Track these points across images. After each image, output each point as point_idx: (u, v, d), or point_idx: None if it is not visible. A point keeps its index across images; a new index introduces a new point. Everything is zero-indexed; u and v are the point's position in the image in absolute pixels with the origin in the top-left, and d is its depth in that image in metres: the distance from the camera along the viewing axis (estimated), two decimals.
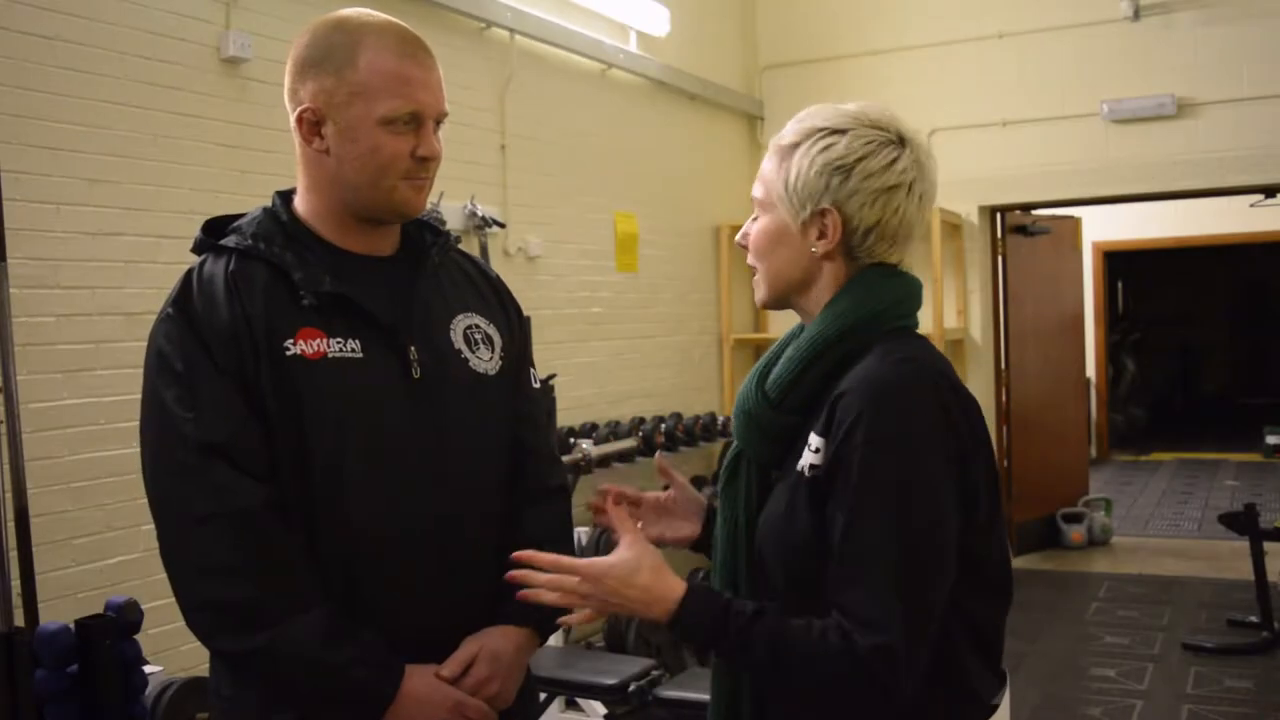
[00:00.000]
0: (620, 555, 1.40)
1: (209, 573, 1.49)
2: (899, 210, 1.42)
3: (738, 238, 1.56)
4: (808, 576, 1.37)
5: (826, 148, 1.41)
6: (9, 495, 2.35)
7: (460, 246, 1.84)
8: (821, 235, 1.43)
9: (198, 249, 1.64)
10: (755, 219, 1.51)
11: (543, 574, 1.41)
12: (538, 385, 1.83)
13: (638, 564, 1.39)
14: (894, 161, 1.42)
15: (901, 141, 1.43)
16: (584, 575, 1.39)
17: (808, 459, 1.37)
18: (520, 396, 1.75)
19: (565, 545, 1.75)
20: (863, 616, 1.29)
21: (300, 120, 1.58)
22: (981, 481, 1.39)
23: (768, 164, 1.49)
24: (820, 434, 1.36)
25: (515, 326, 1.79)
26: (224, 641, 1.50)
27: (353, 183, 1.58)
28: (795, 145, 1.44)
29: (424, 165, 1.60)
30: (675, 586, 1.38)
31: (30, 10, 3.00)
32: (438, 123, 1.61)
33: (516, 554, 1.45)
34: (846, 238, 1.43)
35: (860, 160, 1.41)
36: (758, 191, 1.49)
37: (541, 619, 1.68)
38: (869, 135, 1.42)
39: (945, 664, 1.37)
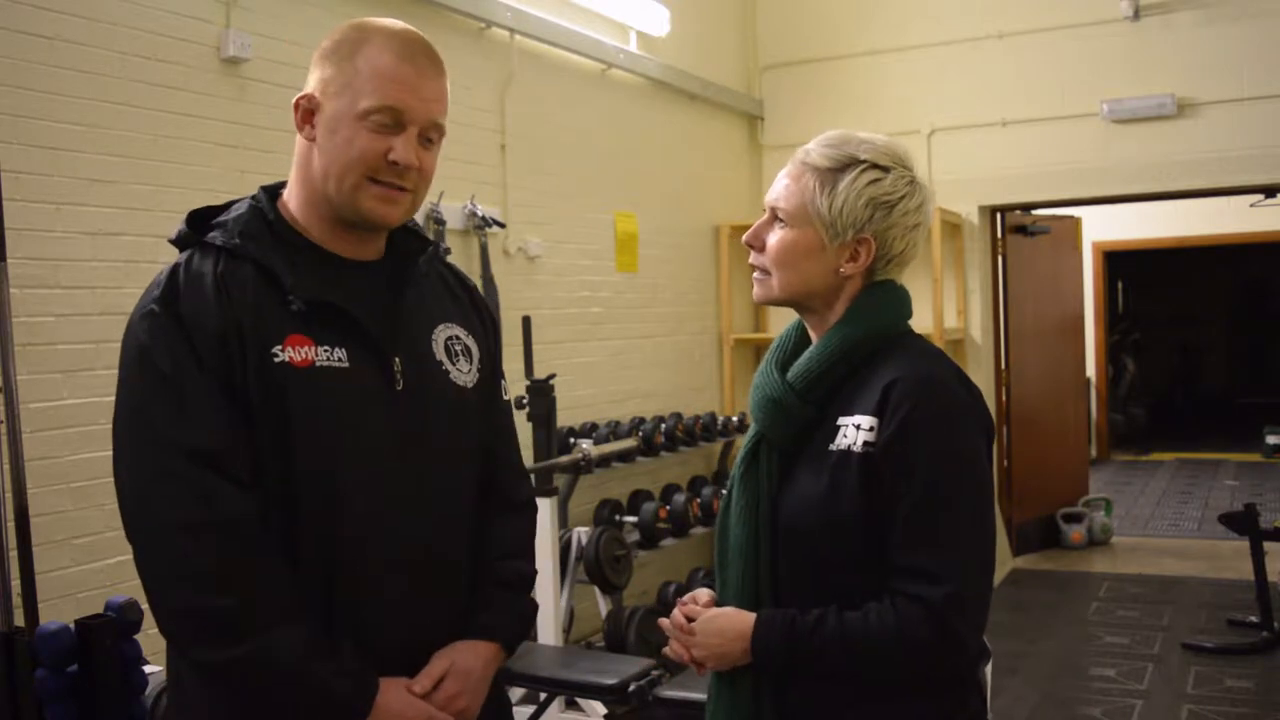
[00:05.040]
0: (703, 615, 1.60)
1: (192, 580, 1.45)
2: (917, 244, 1.60)
3: (745, 237, 1.64)
4: (852, 548, 1.49)
5: (873, 182, 1.54)
6: (9, 495, 2.34)
7: (446, 255, 1.82)
8: (853, 259, 1.56)
9: (181, 243, 1.59)
10: (776, 226, 1.59)
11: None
12: (508, 397, 1.81)
13: (715, 615, 1.58)
14: (923, 203, 1.58)
15: (915, 180, 1.58)
16: (693, 637, 1.59)
17: (858, 437, 1.49)
18: (493, 409, 1.74)
19: (526, 559, 1.76)
20: (934, 572, 1.43)
21: (296, 106, 1.58)
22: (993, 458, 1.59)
23: (799, 181, 1.57)
24: (873, 415, 1.49)
25: (490, 337, 1.77)
26: (204, 651, 1.46)
27: (322, 176, 1.55)
28: (837, 171, 1.55)
29: (397, 172, 1.54)
30: (745, 620, 1.54)
31: (30, 10, 3.00)
32: (429, 137, 1.58)
33: (661, 621, 1.67)
34: (873, 262, 1.57)
35: (902, 199, 1.55)
36: (785, 203, 1.58)
37: (508, 634, 1.69)
38: (905, 175, 1.57)
39: None
